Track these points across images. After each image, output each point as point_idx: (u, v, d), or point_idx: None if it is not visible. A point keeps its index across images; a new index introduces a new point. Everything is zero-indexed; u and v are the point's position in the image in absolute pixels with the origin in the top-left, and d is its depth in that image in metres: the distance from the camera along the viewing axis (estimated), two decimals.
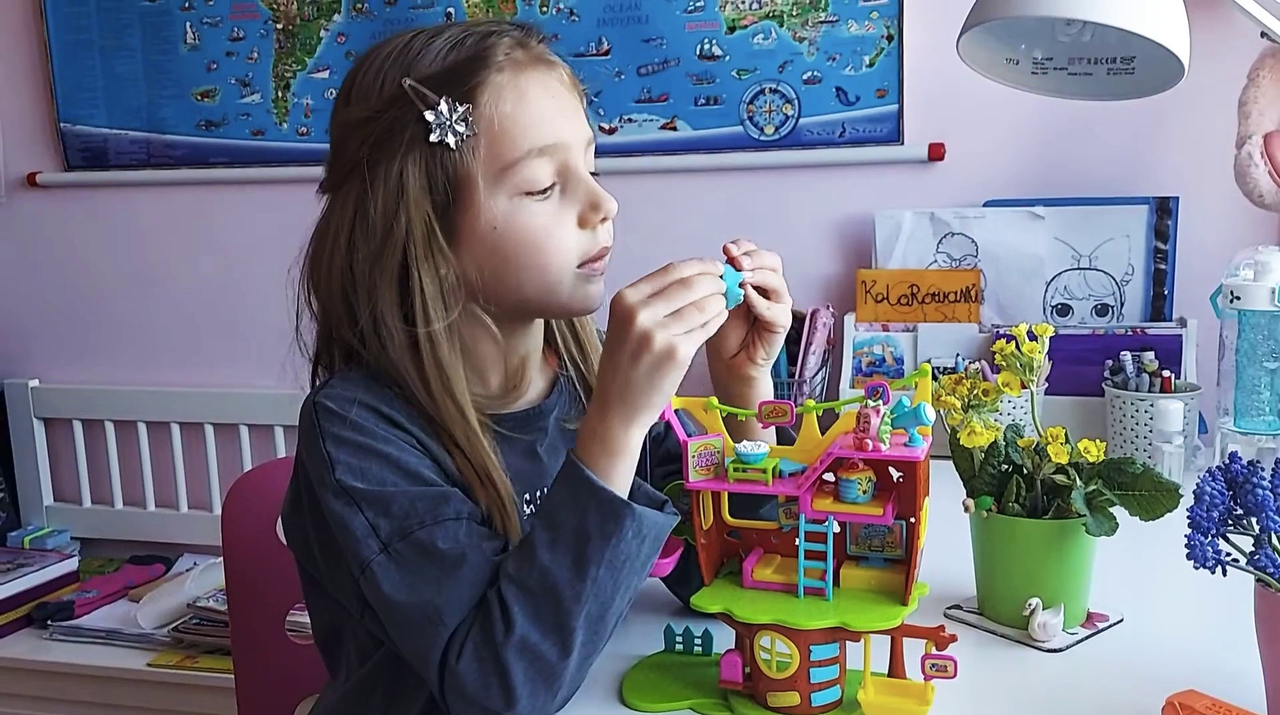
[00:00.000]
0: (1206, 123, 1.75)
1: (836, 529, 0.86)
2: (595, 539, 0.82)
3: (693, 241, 0.92)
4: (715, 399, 0.90)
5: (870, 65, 1.90)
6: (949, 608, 1.03)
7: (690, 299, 0.84)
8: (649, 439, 0.88)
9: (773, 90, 1.95)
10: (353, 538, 0.86)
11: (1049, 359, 1.56)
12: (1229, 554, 0.78)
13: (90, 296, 2.36)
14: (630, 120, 2.01)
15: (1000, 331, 1.70)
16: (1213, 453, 1.45)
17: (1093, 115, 1.78)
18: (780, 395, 1.84)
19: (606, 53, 2.00)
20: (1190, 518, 0.79)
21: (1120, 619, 1.00)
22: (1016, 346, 0.98)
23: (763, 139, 1.97)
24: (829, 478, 0.84)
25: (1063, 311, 1.81)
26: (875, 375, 1.79)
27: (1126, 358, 1.55)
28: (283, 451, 2.21)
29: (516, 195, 0.91)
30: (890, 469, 0.84)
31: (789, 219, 1.97)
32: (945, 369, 1.72)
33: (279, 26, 2.14)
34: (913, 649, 0.83)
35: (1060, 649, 0.95)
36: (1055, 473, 0.96)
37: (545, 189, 0.92)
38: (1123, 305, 1.78)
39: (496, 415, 0.96)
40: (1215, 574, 0.78)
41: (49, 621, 2.06)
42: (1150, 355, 1.54)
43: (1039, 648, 0.95)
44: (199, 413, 2.28)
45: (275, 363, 0.98)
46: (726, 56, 1.95)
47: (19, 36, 2.29)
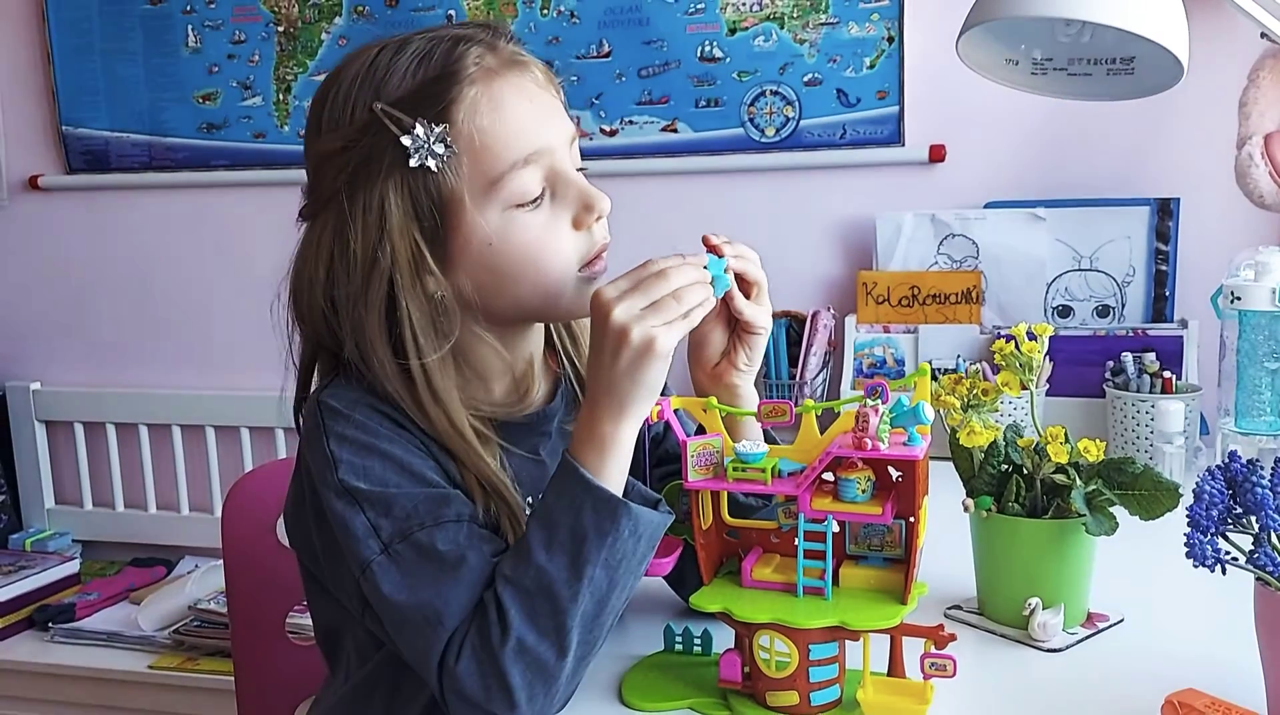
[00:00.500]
0: (1207, 124, 1.75)
1: (836, 528, 0.86)
2: (592, 538, 0.82)
3: (693, 244, 0.92)
4: (715, 399, 0.90)
5: (871, 67, 1.90)
6: (949, 608, 1.03)
7: (667, 290, 0.83)
8: (648, 439, 0.88)
9: (773, 92, 1.95)
10: (353, 537, 0.86)
11: (1050, 360, 1.57)
12: (1228, 553, 0.78)
13: (92, 299, 2.36)
14: (631, 122, 2.01)
15: (1001, 333, 1.70)
16: (1214, 453, 1.45)
17: (1094, 117, 1.79)
18: (781, 397, 1.85)
19: (607, 55, 2.00)
20: (1190, 516, 0.78)
21: (1121, 619, 0.99)
22: (1016, 346, 0.98)
23: (763, 141, 1.97)
24: (828, 477, 0.84)
25: (1064, 313, 1.80)
26: (876, 377, 1.79)
27: (1127, 359, 1.54)
28: (284, 453, 2.21)
29: (508, 208, 0.89)
30: (889, 468, 0.84)
31: (790, 221, 1.97)
32: (946, 371, 1.72)
33: (280, 29, 2.14)
34: (912, 648, 0.83)
35: (1060, 649, 0.94)
36: (1055, 472, 0.95)
37: (536, 198, 0.90)
38: (1124, 306, 1.78)
39: (503, 422, 0.95)
40: (1215, 574, 0.78)
41: (50, 624, 2.07)
42: (1151, 356, 1.54)
43: (1039, 648, 0.95)
44: (200, 415, 2.28)
45: (276, 365, 0.98)
46: (727, 58, 1.95)
47: (21, 39, 2.29)
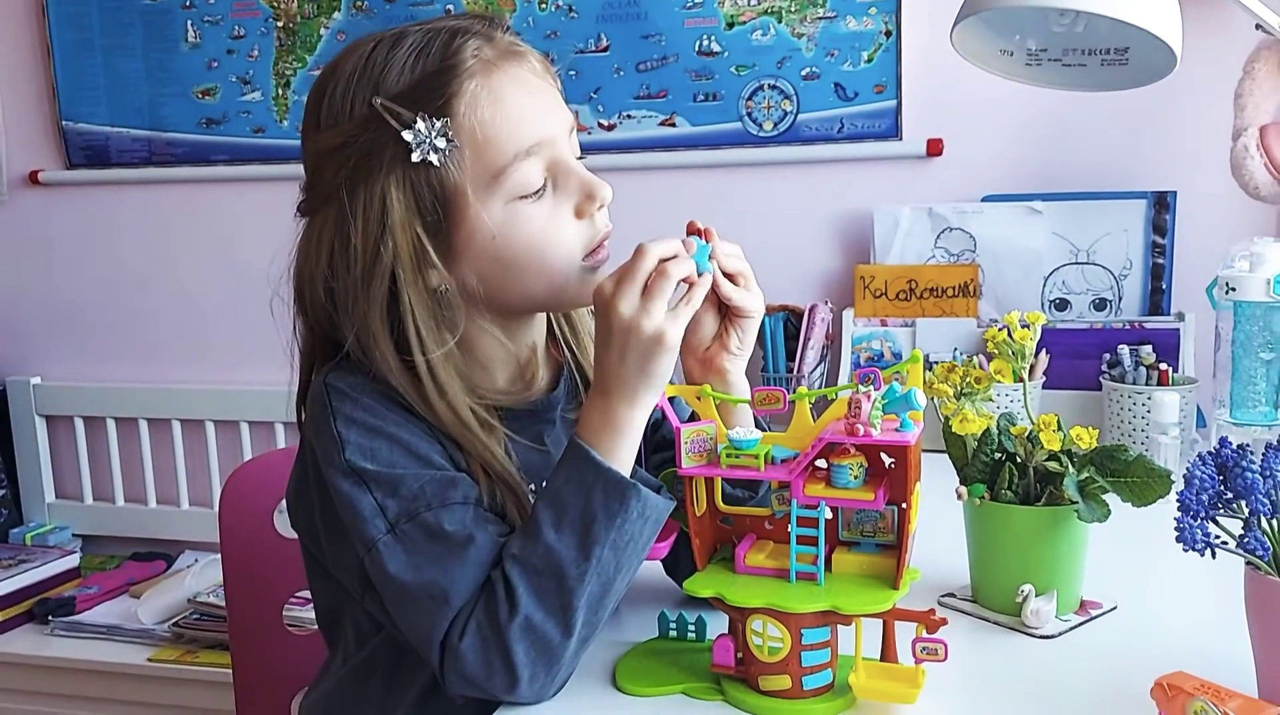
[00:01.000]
0: (1203, 116, 1.75)
1: (828, 514, 0.86)
2: (601, 519, 0.83)
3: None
4: (709, 387, 0.90)
5: (869, 61, 1.90)
6: (942, 596, 1.03)
7: (667, 281, 0.85)
8: (647, 426, 0.89)
9: (771, 86, 1.95)
10: (360, 518, 0.86)
11: (1047, 353, 1.57)
12: (1218, 537, 0.78)
13: (92, 294, 2.37)
14: (629, 117, 2.02)
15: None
16: (1209, 446, 1.45)
17: (1090, 110, 1.79)
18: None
19: (605, 49, 2.01)
20: (1180, 501, 0.79)
21: (1114, 606, 0.99)
22: (1009, 334, 0.98)
23: (761, 135, 1.97)
24: (821, 464, 0.84)
25: (1061, 306, 1.81)
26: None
27: (1124, 351, 1.54)
28: (283, 447, 2.21)
29: (511, 200, 0.89)
30: (882, 454, 0.84)
31: (788, 215, 1.97)
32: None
33: (279, 24, 2.15)
34: (904, 633, 0.84)
35: (1053, 636, 0.95)
36: (1048, 460, 0.96)
37: (538, 189, 0.90)
38: (1121, 299, 1.78)
39: (508, 410, 0.96)
40: (1206, 559, 0.78)
41: (50, 617, 2.07)
42: (1148, 349, 1.54)
43: (1032, 635, 0.95)
44: (200, 409, 2.29)
45: (277, 359, 0.98)
46: (725, 53, 1.96)
47: (21, 35, 2.30)
